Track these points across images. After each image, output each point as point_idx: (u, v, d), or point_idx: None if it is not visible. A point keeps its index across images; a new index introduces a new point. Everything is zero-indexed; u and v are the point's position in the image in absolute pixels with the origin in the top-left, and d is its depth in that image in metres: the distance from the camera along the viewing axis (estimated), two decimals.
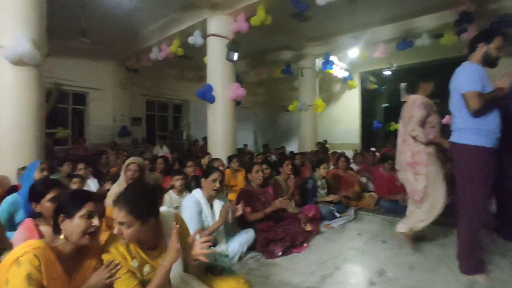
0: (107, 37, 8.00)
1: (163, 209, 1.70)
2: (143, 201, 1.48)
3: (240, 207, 2.73)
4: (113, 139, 9.51)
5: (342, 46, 8.94)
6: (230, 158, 5.06)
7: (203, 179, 2.72)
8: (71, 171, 4.26)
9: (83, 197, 1.43)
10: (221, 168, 4.22)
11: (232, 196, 4.09)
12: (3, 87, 4.03)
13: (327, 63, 9.61)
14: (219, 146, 6.30)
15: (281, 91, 13.60)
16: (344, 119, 12.33)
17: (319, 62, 9.94)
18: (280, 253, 2.89)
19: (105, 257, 1.50)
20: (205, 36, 6.66)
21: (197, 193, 2.71)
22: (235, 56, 6.25)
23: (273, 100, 14.27)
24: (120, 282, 1.47)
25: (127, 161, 3.09)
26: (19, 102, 4.08)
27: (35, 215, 1.89)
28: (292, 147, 11.59)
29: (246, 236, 2.85)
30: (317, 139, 10.11)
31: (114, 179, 4.61)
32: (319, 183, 4.38)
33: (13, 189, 3.37)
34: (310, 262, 2.82)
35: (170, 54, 7.95)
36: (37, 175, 2.73)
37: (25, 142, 4.12)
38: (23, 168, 3.58)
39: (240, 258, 2.77)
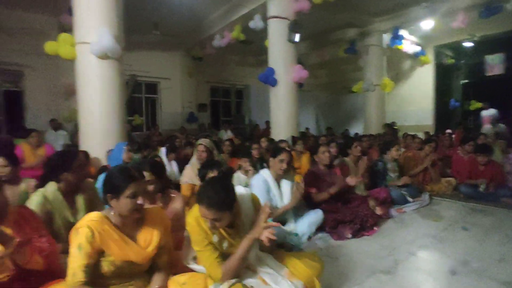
0: (175, 28, 8.46)
1: (240, 189, 1.77)
2: (226, 195, 1.55)
3: (301, 184, 2.74)
4: (182, 125, 10.16)
5: (413, 19, 8.15)
6: (294, 140, 5.06)
7: (271, 159, 2.77)
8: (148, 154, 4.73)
9: (126, 178, 1.49)
10: (287, 149, 4.27)
11: (296, 178, 4.10)
12: (91, 79, 4.53)
13: (396, 38, 8.86)
14: (282, 129, 6.31)
15: (344, 72, 12.99)
16: (415, 99, 11.34)
17: (386, 37, 9.23)
18: (349, 235, 2.84)
19: (188, 226, 1.64)
20: (265, 19, 6.62)
21: (264, 173, 2.77)
22: (297, 37, 6.13)
23: (336, 82, 13.72)
24: (203, 253, 1.60)
25: (197, 143, 3.32)
26: (104, 92, 4.56)
27: None
28: (357, 129, 11.11)
29: (315, 217, 2.85)
30: (385, 121, 9.52)
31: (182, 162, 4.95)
32: (389, 165, 4.15)
33: (104, 168, 3.83)
34: (382, 246, 2.72)
35: (232, 40, 8.11)
36: (125, 155, 3.07)
37: (110, 128, 4.61)
38: (110, 150, 4.04)
39: (308, 238, 2.80)
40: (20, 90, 8.23)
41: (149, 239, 1.58)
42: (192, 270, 1.72)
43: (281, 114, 6.38)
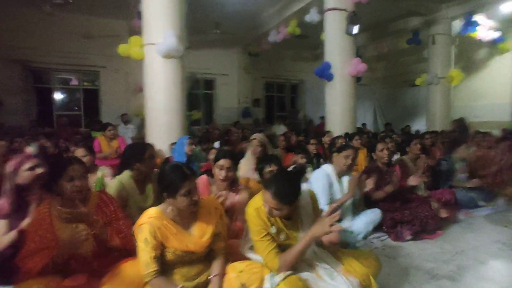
0: (232, 26, 8.73)
1: None
2: (292, 191, 1.61)
3: (370, 181, 2.69)
4: (237, 120, 10.45)
5: (489, 2, 7.31)
6: (351, 136, 4.94)
7: (335, 154, 2.77)
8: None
9: (180, 177, 1.56)
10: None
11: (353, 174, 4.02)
12: (156, 77, 4.89)
13: (469, 24, 8.01)
14: (337, 125, 6.16)
15: (405, 64, 12.15)
16: (490, 92, 10.15)
17: (456, 25, 8.42)
18: (409, 237, 2.72)
19: (248, 216, 1.73)
20: (322, 11, 6.49)
21: (327, 168, 2.78)
22: (355, 29, 5.92)
23: (396, 75, 12.89)
24: (261, 243, 1.68)
25: (251, 137, 3.43)
26: (168, 89, 4.89)
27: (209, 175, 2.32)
28: (419, 125, 10.36)
29: (372, 216, 2.78)
30: (452, 116, 8.74)
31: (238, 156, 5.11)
32: (457, 165, 3.83)
33: (168, 160, 4.15)
34: (444, 250, 2.57)
35: (287, 35, 8.10)
36: (187, 148, 3.30)
37: (173, 122, 4.95)
38: (174, 143, 4.34)
39: (364, 237, 2.74)
40: (97, 88, 9.23)
41: (204, 228, 1.69)
42: (249, 259, 1.82)
43: (337, 109, 6.22)
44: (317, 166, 3.84)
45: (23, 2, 7.33)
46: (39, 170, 2.04)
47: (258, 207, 1.70)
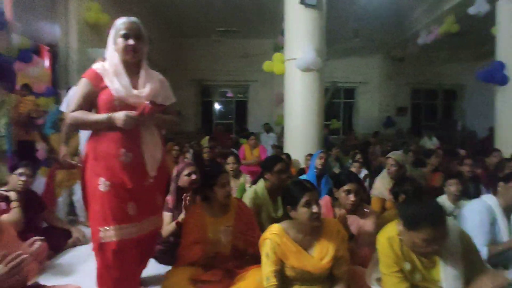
0: (374, 32, 8.30)
1: (447, 220, 1.55)
2: (437, 207, 1.43)
3: None
4: (378, 129, 9.71)
5: None
6: None
7: (501, 183, 2.22)
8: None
9: (300, 189, 1.64)
10: None
11: None
12: (295, 90, 5.09)
13: None
14: (511, 140, 4.91)
15: None
16: None
17: None
18: None
19: (379, 246, 1.59)
20: (492, 0, 5.32)
21: (489, 199, 2.24)
22: None
23: None
24: (390, 278, 1.50)
25: (387, 155, 3.14)
26: (306, 101, 5.02)
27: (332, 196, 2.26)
28: None
29: None
30: None
31: (376, 171, 4.59)
32: None
33: (302, 171, 4.24)
34: None
35: (440, 35, 7.02)
36: (317, 162, 3.34)
37: (310, 133, 5.04)
38: (310, 155, 4.35)
39: None
40: (246, 100, 10.49)
41: (325, 251, 1.66)
42: None
43: None
44: (475, 195, 3.05)
45: (197, 33, 9.47)
46: (194, 176, 2.47)
47: (391, 237, 1.53)
